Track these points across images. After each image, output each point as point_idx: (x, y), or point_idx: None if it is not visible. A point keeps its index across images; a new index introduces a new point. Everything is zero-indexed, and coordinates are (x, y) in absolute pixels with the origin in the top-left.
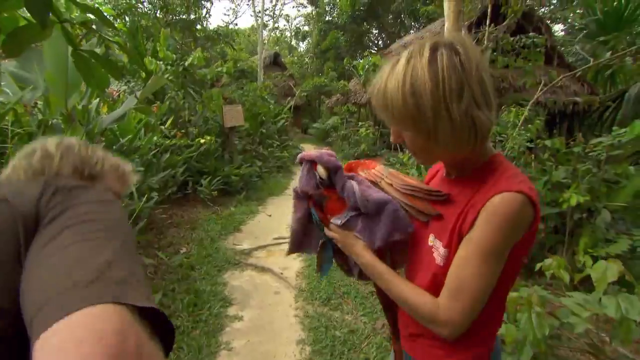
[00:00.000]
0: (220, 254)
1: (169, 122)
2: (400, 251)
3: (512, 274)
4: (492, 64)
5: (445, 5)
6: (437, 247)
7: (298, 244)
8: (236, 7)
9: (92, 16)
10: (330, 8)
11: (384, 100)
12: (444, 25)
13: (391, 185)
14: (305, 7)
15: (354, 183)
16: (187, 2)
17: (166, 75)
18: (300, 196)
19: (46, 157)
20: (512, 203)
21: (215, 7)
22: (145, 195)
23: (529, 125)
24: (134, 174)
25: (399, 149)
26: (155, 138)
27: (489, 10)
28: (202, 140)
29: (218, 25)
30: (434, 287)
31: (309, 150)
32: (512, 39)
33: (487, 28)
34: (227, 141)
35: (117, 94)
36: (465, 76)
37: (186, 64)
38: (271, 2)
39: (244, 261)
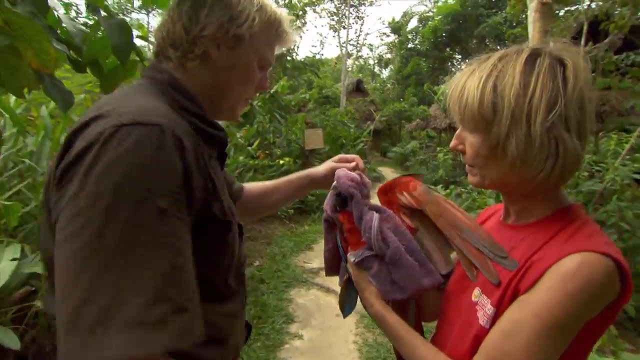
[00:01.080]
0: (289, 270)
1: (255, 143)
2: (429, 300)
3: (580, 356)
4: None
5: (530, 26)
6: (482, 305)
7: (333, 268)
8: (323, 38)
9: None
10: (413, 36)
11: (460, 93)
12: None
13: (440, 216)
14: (388, 36)
15: (375, 217)
16: None
17: (255, 102)
18: (328, 222)
19: None
20: (594, 268)
21: (304, 38)
22: None
23: (636, 154)
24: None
25: None
26: (241, 158)
27: (584, 28)
28: (282, 162)
29: (306, 56)
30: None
31: (388, 173)
32: (616, 57)
33: (581, 47)
34: (306, 163)
35: None
36: (564, 92)
37: (272, 91)
38: (355, 33)
39: (311, 280)
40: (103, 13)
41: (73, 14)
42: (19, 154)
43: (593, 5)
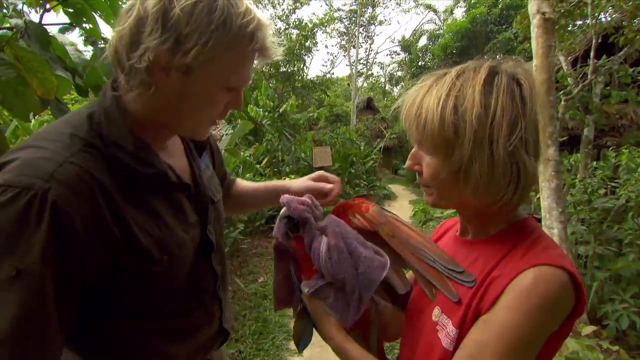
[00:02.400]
0: None
1: (264, 161)
2: (390, 323)
3: None
4: (606, 99)
5: (534, 42)
6: (443, 325)
7: (283, 300)
8: (333, 58)
9: None
10: (423, 53)
11: (417, 112)
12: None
13: (393, 237)
14: (399, 54)
15: (324, 242)
16: (290, 57)
17: (264, 121)
18: (279, 250)
19: None
20: (550, 282)
21: (315, 57)
22: (233, 226)
23: None
24: None
25: None
26: (248, 175)
27: (593, 42)
28: (289, 179)
29: (316, 75)
30: None
31: (399, 191)
32: (632, 69)
33: (591, 61)
34: None
35: (221, 136)
36: (523, 113)
37: (281, 110)
38: (365, 51)
39: None
40: (103, 44)
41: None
42: None
43: (602, 18)
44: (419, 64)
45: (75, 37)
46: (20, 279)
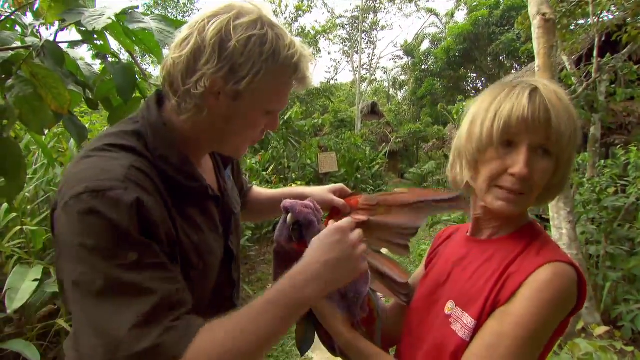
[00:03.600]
0: None
1: (270, 168)
2: (390, 321)
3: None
4: (612, 97)
5: (535, 43)
6: (458, 318)
7: None
8: (337, 64)
9: None
10: (426, 57)
11: (547, 115)
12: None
13: (390, 211)
14: (402, 58)
15: None
16: None
17: None
18: (280, 254)
19: None
20: (564, 276)
21: (318, 64)
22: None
23: None
24: None
25: None
26: (255, 182)
27: (596, 40)
28: (294, 185)
29: (320, 82)
30: None
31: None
32: (637, 66)
33: (595, 60)
34: (321, 186)
35: None
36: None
37: (286, 117)
38: (368, 57)
39: None
40: (111, 59)
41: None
42: (50, 183)
43: (604, 17)
44: (422, 67)
45: (83, 51)
46: (138, 261)
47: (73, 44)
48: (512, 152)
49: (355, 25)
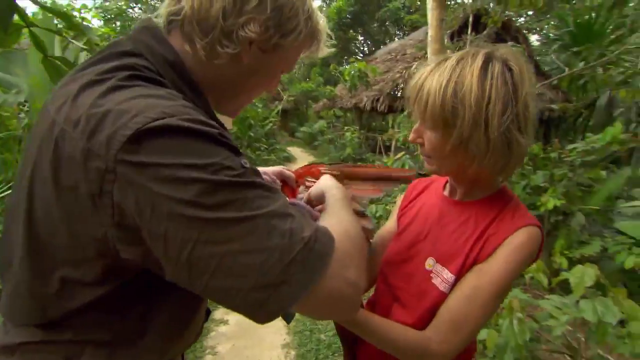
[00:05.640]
0: None
1: None
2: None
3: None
4: None
5: (429, 14)
6: (438, 273)
7: None
8: None
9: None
10: None
11: (418, 92)
12: (427, 33)
13: (351, 179)
14: None
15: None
16: None
17: None
18: None
19: None
20: (534, 238)
21: None
22: None
23: None
24: None
25: (383, 153)
26: None
27: (470, 19)
28: None
29: None
30: (432, 317)
31: (298, 153)
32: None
33: (468, 37)
34: None
35: None
36: (513, 95)
37: None
38: None
39: None
40: None
41: None
42: None
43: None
44: None
45: None
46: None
47: None
48: None
49: None
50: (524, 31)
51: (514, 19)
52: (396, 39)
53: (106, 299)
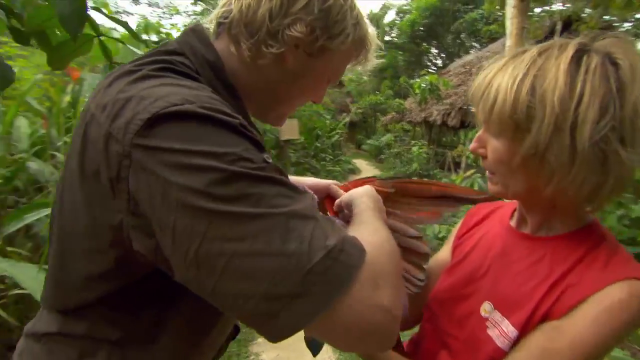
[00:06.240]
0: None
1: None
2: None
3: None
4: None
5: (508, 22)
6: (497, 323)
7: None
8: None
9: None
10: (390, 28)
11: (486, 91)
12: (504, 44)
13: (403, 197)
14: None
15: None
16: None
17: None
18: None
19: None
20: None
21: None
22: None
23: None
24: None
25: (452, 170)
26: None
27: (558, 27)
28: None
29: None
30: None
31: (363, 165)
32: None
33: None
34: (281, 153)
35: None
36: (618, 96)
37: None
38: None
39: None
40: None
41: None
42: None
43: (567, 5)
44: (386, 39)
45: None
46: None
47: None
48: None
49: None
50: (631, 38)
51: (616, 24)
52: (472, 51)
53: (117, 296)
